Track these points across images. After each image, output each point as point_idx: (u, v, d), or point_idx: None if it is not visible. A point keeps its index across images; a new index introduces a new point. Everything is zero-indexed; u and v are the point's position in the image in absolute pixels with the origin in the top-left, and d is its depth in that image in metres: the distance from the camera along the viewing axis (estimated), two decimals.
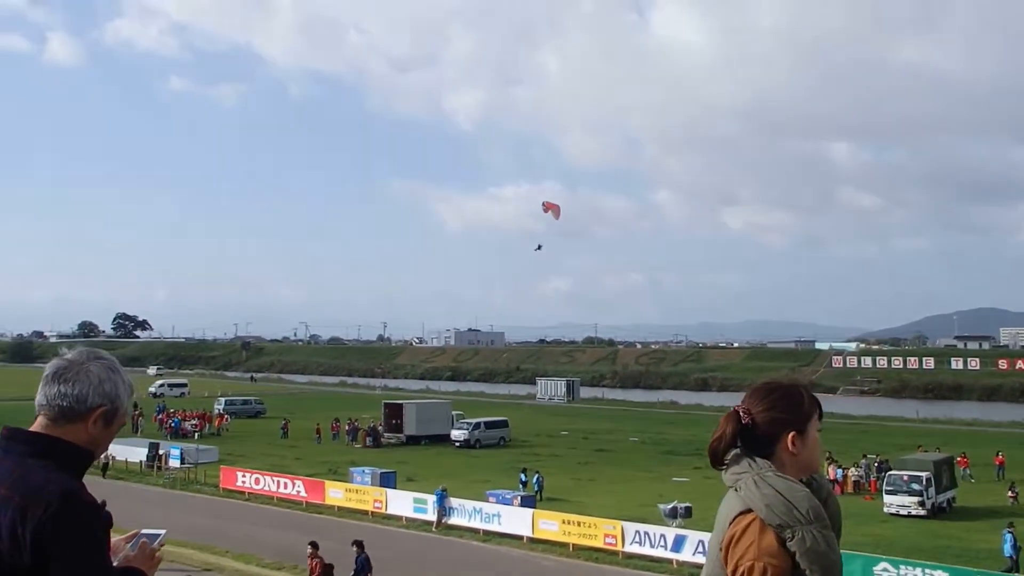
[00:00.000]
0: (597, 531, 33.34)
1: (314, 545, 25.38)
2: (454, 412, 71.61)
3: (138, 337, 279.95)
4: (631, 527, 32.93)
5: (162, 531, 3.22)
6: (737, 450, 3.21)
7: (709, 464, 3.30)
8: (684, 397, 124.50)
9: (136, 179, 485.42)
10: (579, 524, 34.01)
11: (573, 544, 33.46)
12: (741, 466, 3.14)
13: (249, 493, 43.92)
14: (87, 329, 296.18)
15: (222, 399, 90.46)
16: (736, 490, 3.10)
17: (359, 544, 26.07)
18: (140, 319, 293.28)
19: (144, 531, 3.27)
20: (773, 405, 3.20)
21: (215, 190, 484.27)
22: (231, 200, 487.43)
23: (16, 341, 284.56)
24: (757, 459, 3.13)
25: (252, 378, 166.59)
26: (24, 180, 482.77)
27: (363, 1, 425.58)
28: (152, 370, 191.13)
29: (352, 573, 25.53)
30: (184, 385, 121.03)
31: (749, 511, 3.02)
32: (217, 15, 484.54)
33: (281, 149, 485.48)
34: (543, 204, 64.18)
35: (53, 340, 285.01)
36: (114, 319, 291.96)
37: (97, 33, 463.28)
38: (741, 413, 3.23)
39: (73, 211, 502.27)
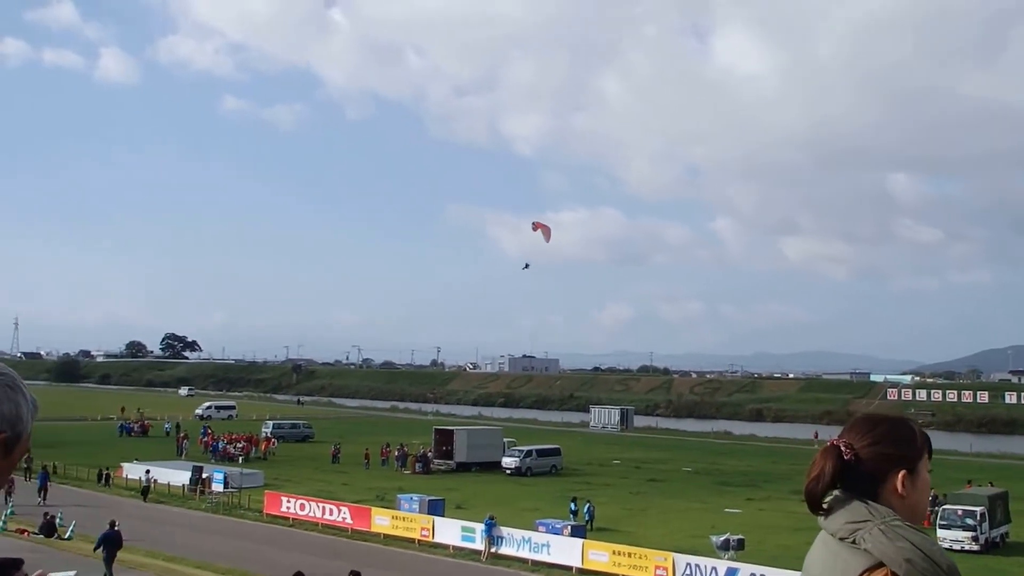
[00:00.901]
0: (648, 562, 32.45)
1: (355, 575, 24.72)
2: (506, 439, 70.82)
3: (187, 358, 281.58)
4: (682, 559, 32.00)
5: (72, 573, 2.58)
6: (838, 492, 2.58)
7: (808, 508, 2.66)
8: (738, 427, 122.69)
9: (187, 200, 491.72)
10: (630, 555, 33.12)
11: (622, 575, 32.66)
12: (854, 512, 2.54)
13: (293, 519, 43.26)
14: (135, 349, 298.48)
15: (269, 422, 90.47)
16: (854, 541, 2.46)
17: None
18: (189, 340, 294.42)
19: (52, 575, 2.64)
20: (880, 439, 2.64)
21: (268, 212, 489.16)
22: (285, 222, 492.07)
23: (62, 360, 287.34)
24: (875, 504, 2.51)
25: (299, 401, 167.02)
26: (74, 200, 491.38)
27: (423, 24, 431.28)
28: (184, 391, 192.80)
29: None
30: (232, 408, 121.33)
31: (880, 566, 2.40)
32: (275, 35, 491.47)
33: (336, 171, 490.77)
34: (533, 224, 63.80)
35: (100, 360, 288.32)
36: (162, 340, 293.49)
37: (151, 50, 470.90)
38: (842, 448, 2.64)
39: (123, 232, 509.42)
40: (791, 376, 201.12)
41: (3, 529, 38.46)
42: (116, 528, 32.86)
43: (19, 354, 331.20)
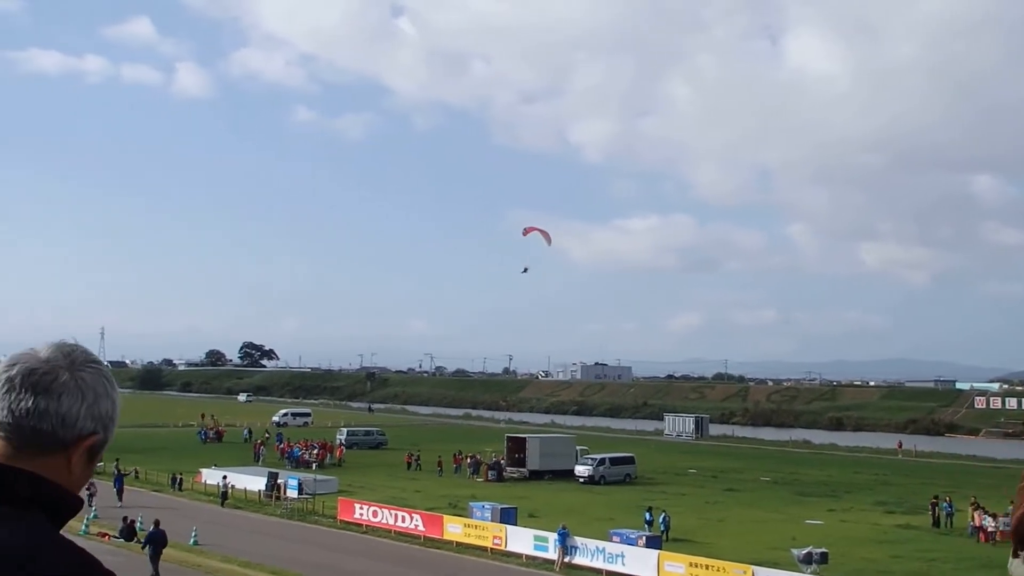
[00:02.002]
0: (726, 575, 31.67)
1: None
2: (579, 447, 70.14)
3: (264, 366, 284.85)
4: (763, 572, 31.14)
5: None
6: None
7: (1014, 546, 2.12)
8: (817, 436, 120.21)
9: (262, 211, 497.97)
10: (707, 567, 32.30)
11: None
12: None
13: (367, 526, 43.19)
14: (214, 357, 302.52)
15: (344, 429, 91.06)
16: None
17: None
18: (267, 348, 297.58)
19: None
20: None
21: (341, 221, 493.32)
22: (357, 231, 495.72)
23: (146, 369, 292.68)
24: None
25: (369, 408, 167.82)
26: (153, 214, 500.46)
27: (489, 31, 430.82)
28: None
29: None
30: (308, 415, 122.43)
31: None
32: (344, 45, 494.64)
33: (406, 181, 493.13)
34: (524, 229, 63.31)
35: (181, 368, 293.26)
36: (241, 348, 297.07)
37: (224, 64, 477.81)
38: None
39: (201, 243, 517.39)
40: (871, 384, 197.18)
41: (85, 532, 38.88)
42: (160, 528, 33.28)
43: (106, 363, 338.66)
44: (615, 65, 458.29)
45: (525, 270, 67.21)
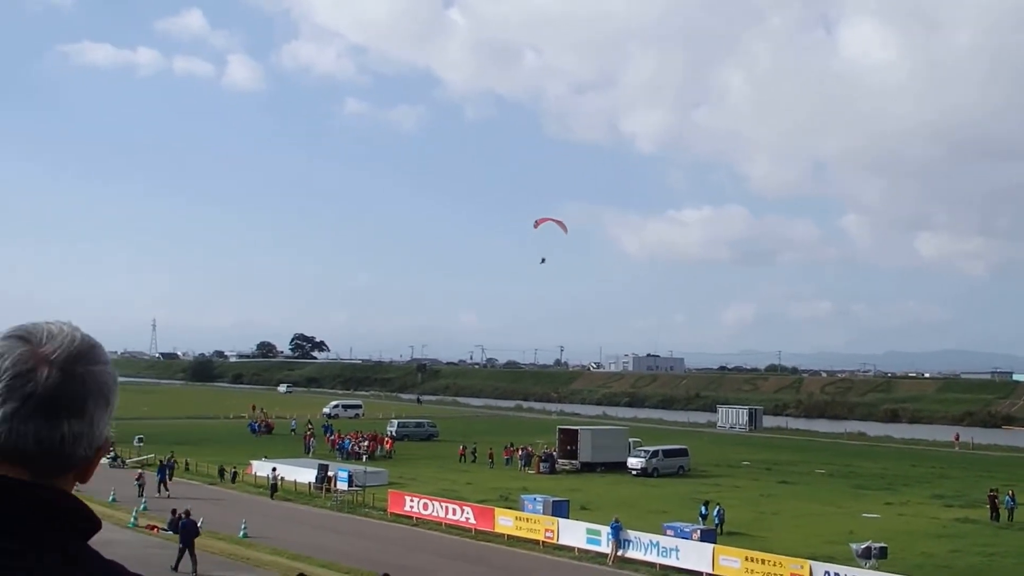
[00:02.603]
0: (783, 570, 30.88)
1: None
2: (631, 439, 69.54)
3: (315, 358, 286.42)
4: (820, 567, 30.37)
5: None
6: None
7: None
8: (872, 428, 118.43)
9: (313, 203, 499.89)
10: (763, 562, 31.59)
11: None
12: None
13: (417, 518, 42.83)
14: (265, 349, 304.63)
15: (394, 421, 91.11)
16: None
17: None
18: (317, 340, 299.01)
19: None
20: None
21: (391, 213, 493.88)
22: (407, 223, 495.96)
23: (197, 360, 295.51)
24: None
25: (418, 400, 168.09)
26: (206, 206, 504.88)
27: (540, 22, 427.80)
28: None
29: None
30: (359, 407, 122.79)
31: None
32: (395, 37, 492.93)
33: (457, 172, 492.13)
34: (535, 222, 63.16)
35: (233, 360, 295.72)
36: (292, 340, 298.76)
37: (275, 56, 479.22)
38: None
39: (252, 234, 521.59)
40: (927, 376, 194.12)
41: (134, 524, 38.99)
42: (191, 518, 33.33)
43: (157, 355, 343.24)
44: (668, 55, 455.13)
45: (543, 260, 67.72)
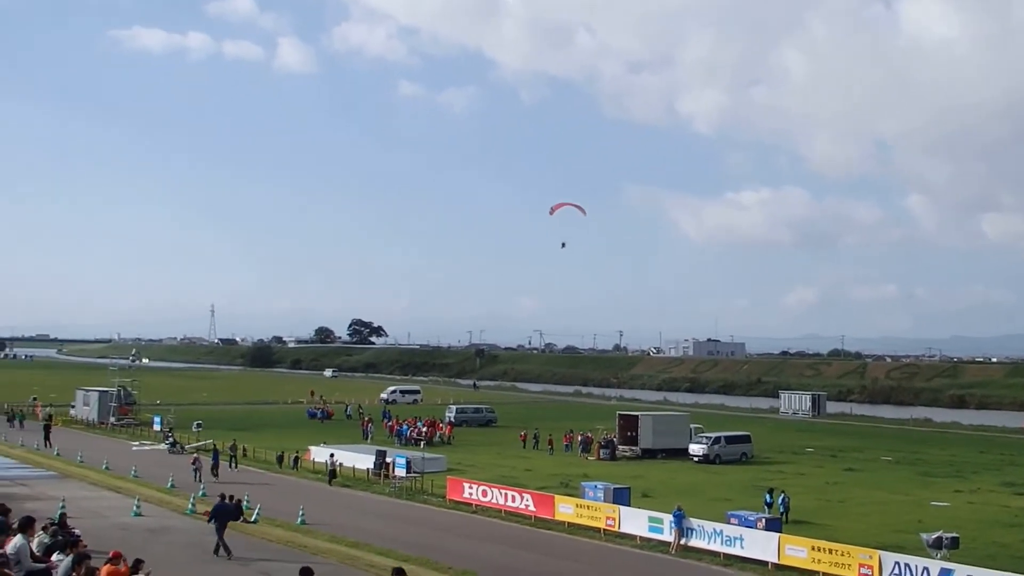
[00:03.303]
0: (851, 560, 29.83)
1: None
2: (693, 425, 68.63)
3: (373, 344, 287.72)
4: (890, 557, 29.25)
5: None
6: None
7: None
8: (939, 415, 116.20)
9: (370, 188, 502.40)
10: (831, 551, 30.57)
11: (824, 573, 30.11)
12: None
13: (476, 505, 42.27)
14: (323, 335, 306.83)
15: (453, 407, 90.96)
16: None
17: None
18: (375, 326, 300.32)
19: None
20: None
21: (447, 197, 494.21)
22: (465, 208, 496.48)
23: (256, 346, 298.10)
24: None
25: (475, 385, 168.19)
26: (262, 193, 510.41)
27: (595, 1, 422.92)
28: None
29: None
30: (417, 392, 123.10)
31: None
32: (446, 18, 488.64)
33: (513, 155, 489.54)
34: (551, 209, 63.15)
35: (291, 346, 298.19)
36: (349, 325, 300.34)
37: (326, 39, 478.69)
38: None
39: (311, 220, 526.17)
40: (995, 360, 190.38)
41: (191, 512, 38.94)
42: (227, 500, 33.03)
43: (216, 340, 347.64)
44: (724, 32, 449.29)
45: (563, 245, 69.27)
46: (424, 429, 71.27)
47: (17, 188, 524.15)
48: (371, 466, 51.72)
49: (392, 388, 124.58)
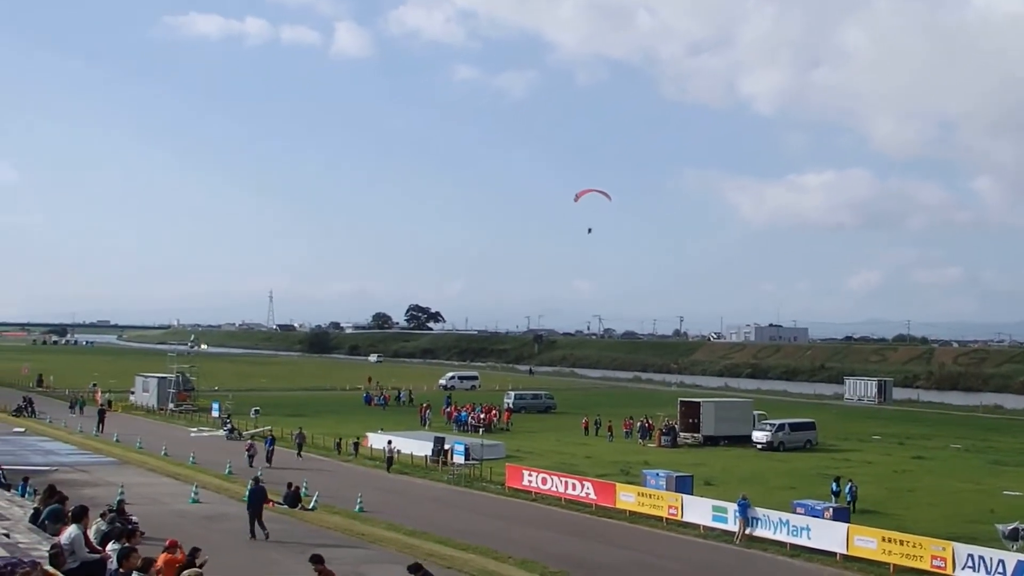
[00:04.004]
0: (923, 551, 28.78)
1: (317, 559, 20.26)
2: (755, 412, 67.46)
3: (431, 329, 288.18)
4: (963, 549, 28.14)
5: None
6: None
7: None
8: (1010, 401, 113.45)
9: (427, 172, 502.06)
10: (902, 543, 29.55)
11: (894, 565, 29.10)
12: None
13: (535, 493, 41.66)
14: (381, 321, 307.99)
15: (511, 393, 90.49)
16: None
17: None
18: (433, 311, 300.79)
19: None
20: None
21: (505, 182, 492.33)
22: (522, 192, 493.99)
23: (314, 332, 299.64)
24: None
25: (530, 371, 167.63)
26: (320, 179, 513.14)
27: None
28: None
29: None
30: (475, 378, 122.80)
31: None
32: (505, 1, 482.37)
33: (571, 138, 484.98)
34: (575, 196, 63.16)
35: (349, 331, 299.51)
36: (407, 311, 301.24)
37: (383, 22, 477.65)
38: None
39: (369, 205, 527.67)
40: None
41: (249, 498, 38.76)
42: (261, 484, 33.29)
43: (274, 326, 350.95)
44: (786, 11, 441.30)
45: (589, 231, 71.45)
46: (482, 416, 70.84)
47: (78, 176, 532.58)
48: (429, 453, 51.38)
49: (450, 374, 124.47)
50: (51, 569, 3.93)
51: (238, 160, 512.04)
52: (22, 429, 65.09)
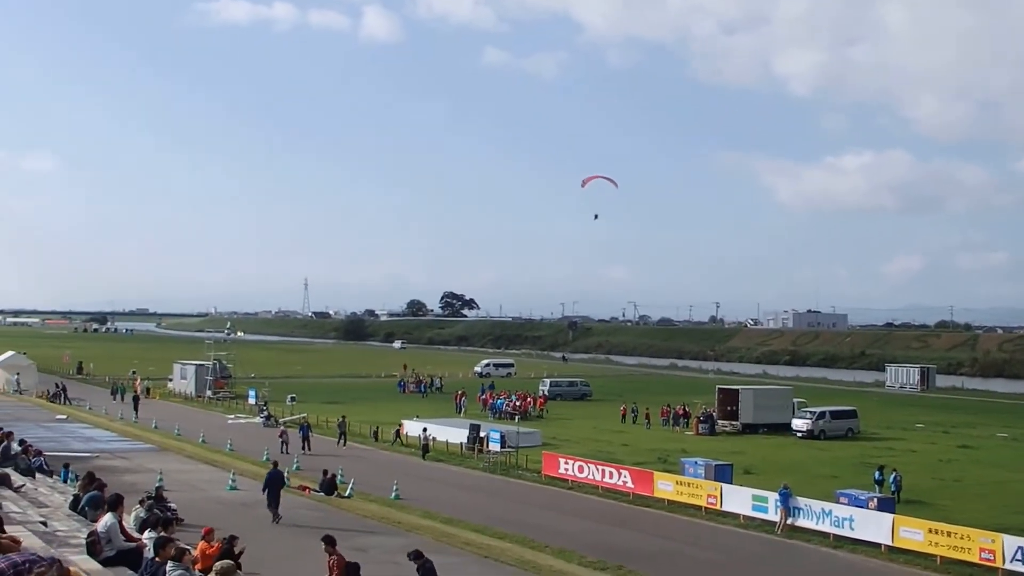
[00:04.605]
0: (971, 544, 28.01)
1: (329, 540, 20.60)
2: (795, 399, 66.57)
3: (465, 316, 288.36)
4: (1013, 541, 27.37)
5: None
6: None
7: None
8: None
9: (459, 158, 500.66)
10: (949, 534, 28.82)
11: (941, 557, 28.39)
12: None
13: (572, 481, 41.19)
14: (415, 308, 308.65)
15: (547, 380, 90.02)
16: None
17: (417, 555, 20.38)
18: (467, 298, 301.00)
19: None
20: None
21: (536, 167, 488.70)
22: (554, 178, 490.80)
23: (349, 319, 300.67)
24: None
25: (563, 358, 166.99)
26: (346, 162, 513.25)
27: None
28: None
29: None
30: (511, 365, 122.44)
31: None
32: None
33: (602, 120, 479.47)
34: (582, 182, 63.37)
35: (384, 319, 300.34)
36: (442, 298, 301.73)
37: (411, 5, 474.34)
38: None
39: (403, 191, 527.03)
40: None
41: (286, 486, 38.61)
42: (278, 469, 33.73)
43: (310, 313, 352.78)
44: None
45: (596, 216, 73.12)
46: (517, 403, 70.45)
47: (114, 165, 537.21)
48: (464, 440, 51.04)
49: (486, 361, 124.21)
50: (73, 568, 3.76)
51: (272, 149, 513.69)
52: (64, 416, 65.55)
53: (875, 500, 33.43)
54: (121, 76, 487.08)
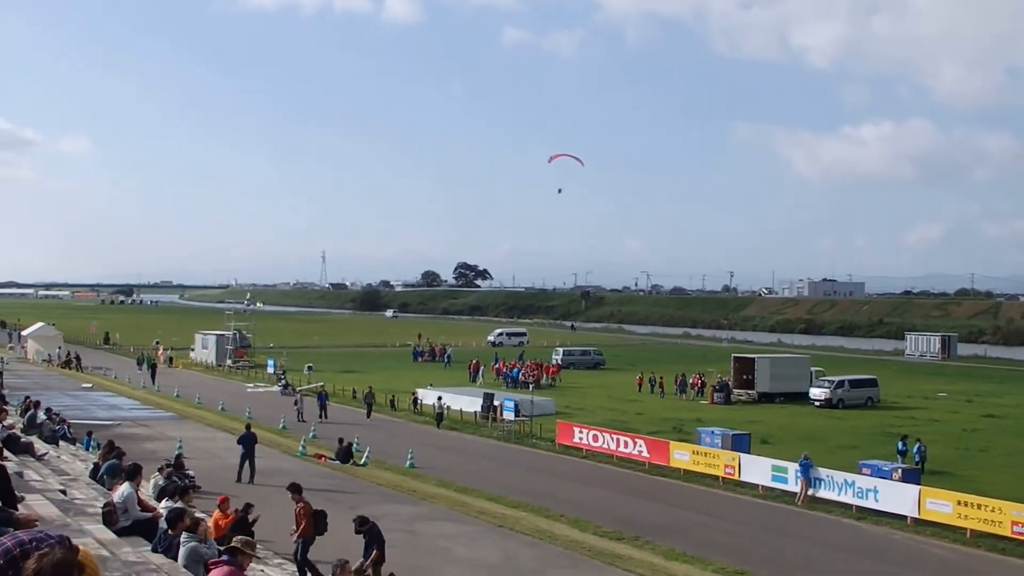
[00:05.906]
0: (1003, 517, 27.17)
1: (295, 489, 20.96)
2: (813, 368, 65.79)
3: (479, 287, 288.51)
4: None
5: None
6: None
7: None
8: None
9: (476, 133, 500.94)
10: (979, 507, 28.02)
11: (971, 530, 27.65)
12: None
13: (587, 450, 40.68)
14: (430, 279, 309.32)
15: (560, 349, 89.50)
16: None
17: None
18: (481, 269, 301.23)
19: None
20: None
21: (551, 140, 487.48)
22: (570, 150, 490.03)
23: (365, 290, 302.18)
24: None
25: (572, 327, 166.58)
26: (369, 139, 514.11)
27: None
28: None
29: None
30: (523, 335, 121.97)
31: None
32: None
33: (620, 96, 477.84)
34: (549, 159, 63.66)
35: (399, 290, 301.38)
36: (455, 268, 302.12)
37: None
38: None
39: (416, 165, 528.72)
40: None
41: (302, 454, 38.35)
42: (252, 431, 34.12)
43: (327, 285, 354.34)
44: None
45: (559, 191, 73.61)
46: (533, 372, 69.91)
47: (142, 147, 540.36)
48: (478, 409, 50.57)
49: (499, 330, 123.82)
50: (82, 547, 3.23)
51: (294, 127, 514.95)
52: (89, 385, 65.70)
53: (899, 471, 32.67)
54: (151, 61, 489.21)
